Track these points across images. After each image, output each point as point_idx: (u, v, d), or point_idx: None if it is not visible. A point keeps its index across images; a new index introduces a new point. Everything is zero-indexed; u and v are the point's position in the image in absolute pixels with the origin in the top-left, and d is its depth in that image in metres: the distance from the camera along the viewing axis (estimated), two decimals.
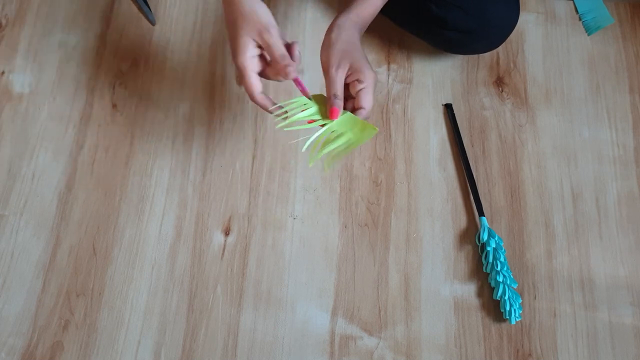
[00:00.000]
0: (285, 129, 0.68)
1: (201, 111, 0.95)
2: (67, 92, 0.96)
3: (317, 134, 0.68)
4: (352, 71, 0.68)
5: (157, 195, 0.90)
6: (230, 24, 0.68)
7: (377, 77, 0.69)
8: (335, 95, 0.67)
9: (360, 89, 0.67)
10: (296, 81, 0.68)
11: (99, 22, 1.01)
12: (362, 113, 0.68)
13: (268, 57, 0.69)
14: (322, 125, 0.69)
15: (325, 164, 0.67)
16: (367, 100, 0.67)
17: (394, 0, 0.80)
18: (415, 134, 0.95)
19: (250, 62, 0.66)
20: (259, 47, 0.67)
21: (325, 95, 0.70)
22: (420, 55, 1.00)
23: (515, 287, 0.85)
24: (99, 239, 0.87)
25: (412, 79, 0.98)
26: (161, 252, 0.87)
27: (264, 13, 0.66)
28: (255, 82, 0.67)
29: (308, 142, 0.67)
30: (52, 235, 0.87)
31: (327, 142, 0.68)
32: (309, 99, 0.69)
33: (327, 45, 0.69)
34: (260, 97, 0.68)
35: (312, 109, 0.69)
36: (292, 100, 0.69)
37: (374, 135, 0.69)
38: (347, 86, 0.69)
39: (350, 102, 0.70)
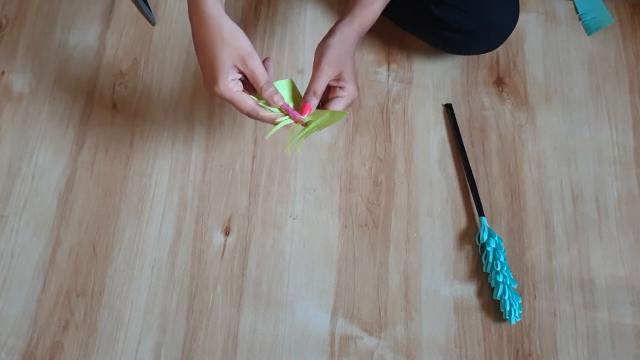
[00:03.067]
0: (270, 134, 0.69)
1: (201, 111, 0.95)
2: (67, 92, 0.96)
3: (290, 125, 0.69)
4: (339, 78, 0.68)
5: (157, 195, 0.90)
6: (205, 47, 0.65)
7: (357, 96, 0.70)
8: (314, 92, 0.67)
9: (337, 97, 0.68)
10: (285, 107, 0.68)
11: (99, 22, 1.01)
12: None
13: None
14: (305, 125, 0.70)
15: (297, 146, 0.69)
16: (337, 108, 0.68)
17: (394, 1, 0.80)
18: (415, 134, 0.95)
19: (235, 85, 0.65)
20: (239, 72, 0.66)
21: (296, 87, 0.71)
22: (420, 55, 1.00)
23: (515, 287, 0.85)
24: (99, 239, 0.87)
25: (412, 79, 0.98)
26: (161, 252, 0.87)
27: (244, 39, 0.64)
28: (250, 100, 0.66)
29: (289, 144, 0.69)
30: (52, 235, 0.87)
31: (301, 132, 0.69)
32: (304, 124, 0.68)
33: (327, 45, 0.69)
34: (264, 111, 0.67)
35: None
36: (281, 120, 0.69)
37: (344, 118, 0.71)
38: (327, 87, 0.69)
39: (319, 103, 0.70)
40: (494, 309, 0.85)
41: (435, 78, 0.98)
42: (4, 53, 0.98)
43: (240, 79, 0.67)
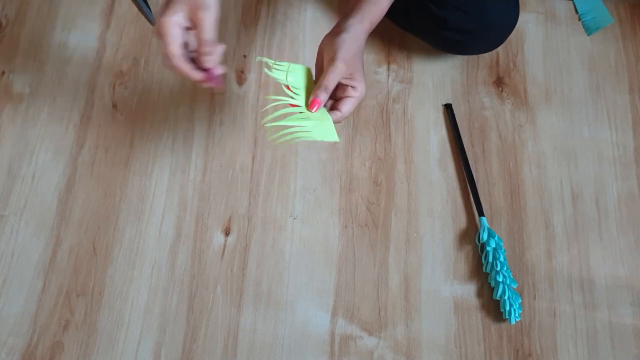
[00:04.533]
0: (271, 124, 0.65)
1: (201, 111, 0.95)
2: (67, 92, 0.96)
3: (285, 101, 0.66)
4: (351, 77, 0.68)
5: (157, 195, 0.90)
6: None
7: (366, 94, 0.69)
8: (325, 88, 0.66)
9: (348, 97, 0.68)
10: (209, 73, 0.63)
11: (99, 22, 1.01)
12: (337, 115, 0.68)
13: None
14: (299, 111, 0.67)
15: (275, 136, 0.63)
16: (348, 108, 0.68)
17: (394, 1, 0.80)
18: (415, 134, 0.95)
19: (174, 25, 0.61)
20: (189, 27, 0.62)
21: (309, 73, 0.69)
22: (420, 55, 1.00)
23: (515, 287, 0.85)
24: (99, 239, 0.87)
25: (412, 79, 0.98)
26: (161, 252, 0.87)
27: None
28: (176, 40, 0.61)
29: (275, 107, 0.64)
30: (52, 235, 0.87)
31: (289, 116, 0.66)
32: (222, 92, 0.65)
33: (340, 40, 0.67)
34: (180, 59, 0.62)
35: (299, 98, 0.67)
36: (281, 98, 0.67)
37: (332, 143, 0.67)
38: (337, 85, 0.68)
39: (330, 101, 0.69)
40: (494, 309, 0.85)
41: (435, 78, 0.98)
42: (4, 53, 0.98)
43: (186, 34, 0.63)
